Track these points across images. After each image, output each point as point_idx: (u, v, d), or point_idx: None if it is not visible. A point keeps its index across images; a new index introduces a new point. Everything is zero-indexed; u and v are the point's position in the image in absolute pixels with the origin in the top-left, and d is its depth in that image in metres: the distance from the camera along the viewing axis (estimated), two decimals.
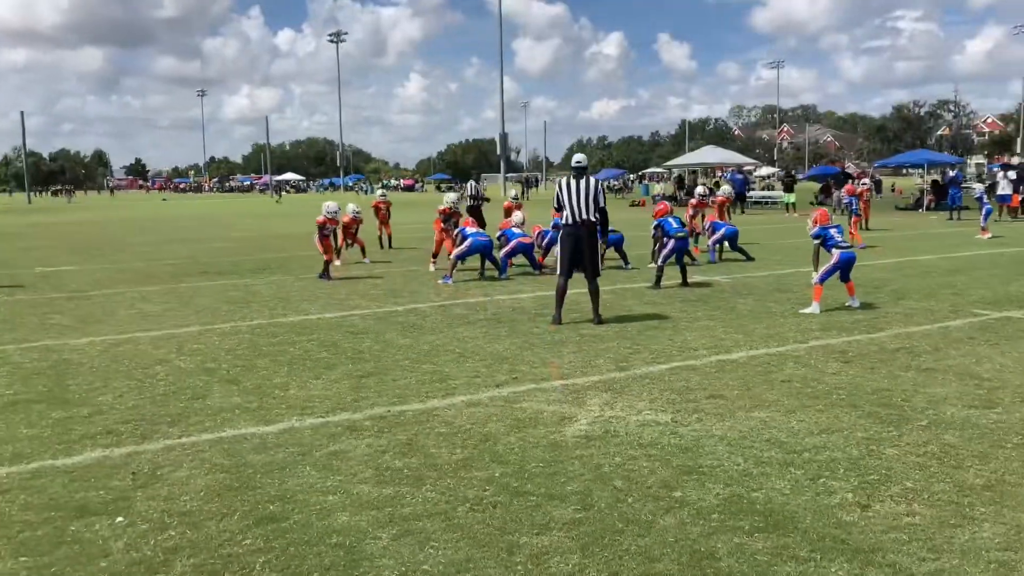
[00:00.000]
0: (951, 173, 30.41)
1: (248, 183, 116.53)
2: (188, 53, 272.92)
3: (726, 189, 22.21)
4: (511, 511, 4.32)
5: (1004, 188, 25.51)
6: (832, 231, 10.50)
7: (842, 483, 4.63)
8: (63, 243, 23.73)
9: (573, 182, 9.27)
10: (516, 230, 13.99)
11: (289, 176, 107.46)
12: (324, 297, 11.99)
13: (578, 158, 9.60)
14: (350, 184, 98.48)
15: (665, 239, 12.65)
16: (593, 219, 9.31)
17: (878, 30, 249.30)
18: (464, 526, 4.15)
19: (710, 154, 46.96)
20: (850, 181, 30.65)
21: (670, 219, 12.92)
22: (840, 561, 3.72)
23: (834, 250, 10.28)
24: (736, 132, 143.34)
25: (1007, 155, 74.80)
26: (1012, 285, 11.93)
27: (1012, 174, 27.48)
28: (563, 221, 9.37)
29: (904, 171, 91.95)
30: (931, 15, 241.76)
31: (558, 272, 9.56)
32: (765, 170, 73.83)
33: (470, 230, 13.58)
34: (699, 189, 18.42)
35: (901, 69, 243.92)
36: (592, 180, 9.34)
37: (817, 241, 10.59)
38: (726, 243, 15.99)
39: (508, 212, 17.25)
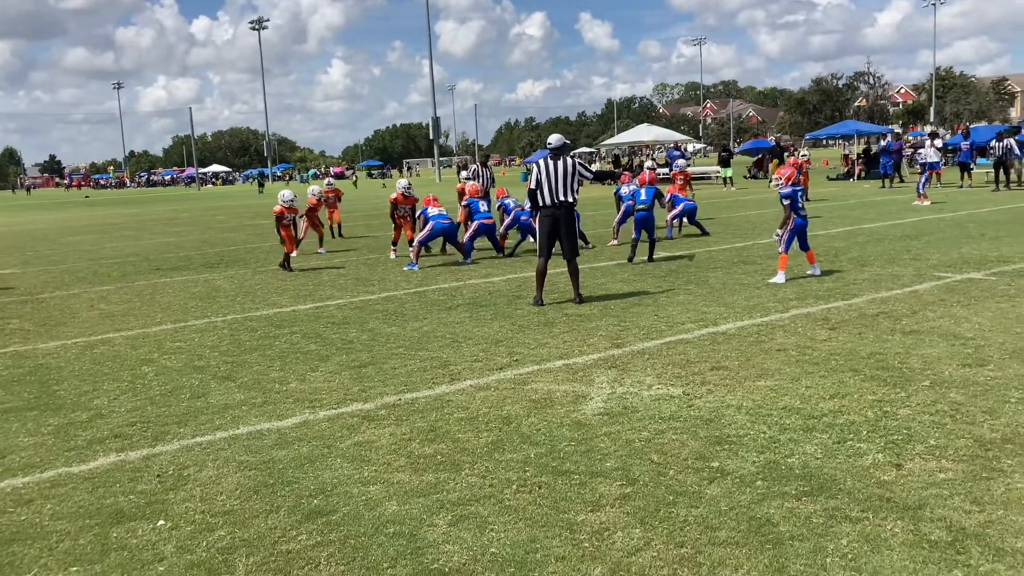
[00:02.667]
0: (883, 142, 31.37)
1: (171, 176, 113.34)
2: (100, 44, 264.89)
3: (648, 164, 22.30)
4: (558, 491, 4.35)
5: (932, 156, 26.34)
6: (799, 194, 10.56)
7: (869, 444, 4.78)
8: None
9: (551, 163, 9.24)
10: (485, 208, 13.96)
11: (215, 168, 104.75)
12: (291, 289, 11.78)
13: (554, 138, 9.55)
14: (278, 173, 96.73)
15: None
16: (571, 200, 9.31)
17: (793, 5, 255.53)
18: (517, 508, 4.16)
19: (645, 132, 47.48)
20: (786, 155, 31.34)
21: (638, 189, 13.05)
22: (892, 519, 3.84)
23: (793, 215, 10.41)
24: (661, 110, 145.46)
25: (920, 124, 77.35)
26: (963, 248, 12.38)
27: (939, 142, 28.43)
28: (540, 202, 9.35)
29: (824, 143, 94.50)
30: None
31: (538, 254, 9.57)
32: (691, 146, 74.95)
33: (432, 211, 13.44)
34: (648, 163, 18.57)
35: (816, 43, 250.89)
36: (570, 160, 9.32)
37: (787, 202, 10.45)
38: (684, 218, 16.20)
39: (461, 194, 17.17)
